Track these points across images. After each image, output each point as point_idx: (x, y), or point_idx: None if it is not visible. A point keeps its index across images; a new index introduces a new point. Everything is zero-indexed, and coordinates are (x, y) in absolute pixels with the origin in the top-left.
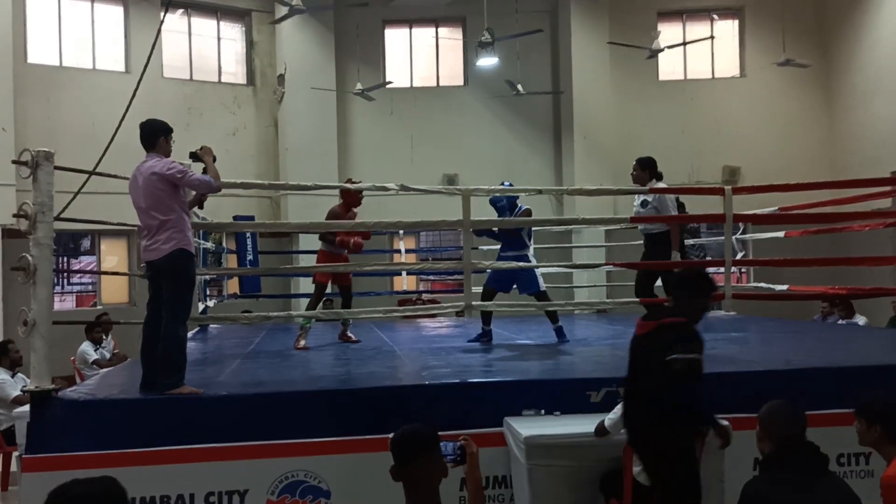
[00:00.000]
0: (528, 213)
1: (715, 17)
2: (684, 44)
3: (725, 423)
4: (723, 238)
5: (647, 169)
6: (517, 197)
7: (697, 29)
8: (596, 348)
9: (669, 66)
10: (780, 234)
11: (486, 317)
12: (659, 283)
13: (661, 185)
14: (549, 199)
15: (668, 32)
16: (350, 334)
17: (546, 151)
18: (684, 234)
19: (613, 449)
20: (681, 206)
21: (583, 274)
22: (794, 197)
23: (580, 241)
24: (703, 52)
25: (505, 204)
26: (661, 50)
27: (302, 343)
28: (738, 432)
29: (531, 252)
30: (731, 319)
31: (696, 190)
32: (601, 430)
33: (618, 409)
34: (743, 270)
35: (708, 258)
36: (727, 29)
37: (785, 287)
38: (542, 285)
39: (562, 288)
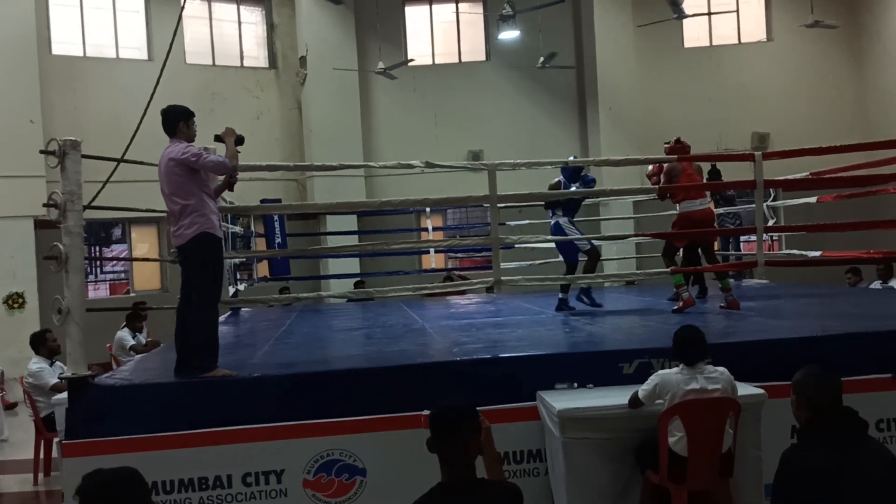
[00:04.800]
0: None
1: None
2: (709, 14)
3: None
4: (754, 206)
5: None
6: (578, 169)
7: None
8: (627, 320)
9: (694, 33)
10: (813, 199)
11: (565, 287)
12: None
13: None
14: None
15: None
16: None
17: (571, 123)
18: (720, 201)
19: (648, 420)
20: (717, 172)
21: (612, 246)
22: (825, 161)
23: (608, 214)
24: (728, 16)
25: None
26: (687, 16)
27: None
28: (773, 400)
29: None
30: (763, 287)
31: (726, 157)
32: (635, 401)
33: (651, 380)
34: (775, 238)
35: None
36: None
37: (818, 253)
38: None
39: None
